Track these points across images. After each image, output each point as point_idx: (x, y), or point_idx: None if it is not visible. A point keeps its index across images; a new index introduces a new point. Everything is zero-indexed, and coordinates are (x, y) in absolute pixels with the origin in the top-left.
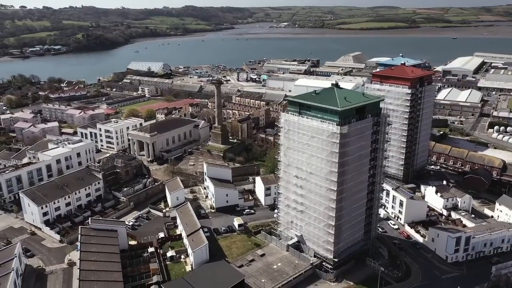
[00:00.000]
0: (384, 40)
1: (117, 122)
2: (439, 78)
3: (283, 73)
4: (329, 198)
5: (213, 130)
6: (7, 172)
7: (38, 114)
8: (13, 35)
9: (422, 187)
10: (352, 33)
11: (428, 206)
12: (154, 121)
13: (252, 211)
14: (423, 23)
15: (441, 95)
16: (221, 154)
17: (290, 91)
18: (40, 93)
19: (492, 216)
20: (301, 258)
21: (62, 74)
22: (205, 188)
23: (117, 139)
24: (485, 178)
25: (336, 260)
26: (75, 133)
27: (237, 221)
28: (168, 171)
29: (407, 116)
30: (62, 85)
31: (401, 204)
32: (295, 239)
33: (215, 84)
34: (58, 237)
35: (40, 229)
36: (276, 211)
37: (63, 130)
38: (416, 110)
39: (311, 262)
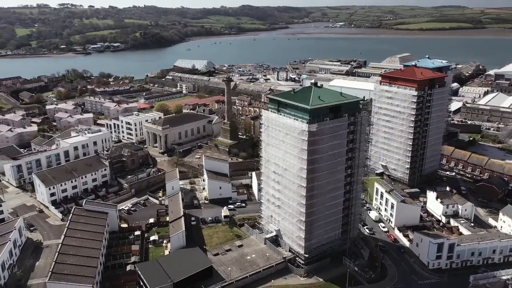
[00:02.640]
0: (443, 41)
1: (138, 115)
2: (490, 82)
3: (325, 73)
4: (300, 195)
5: (223, 126)
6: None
7: (80, 106)
8: (79, 33)
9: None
10: (409, 34)
11: (428, 212)
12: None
13: (243, 204)
14: (490, 23)
15: (484, 100)
16: (227, 149)
17: None
18: (88, 86)
19: (495, 227)
20: (276, 252)
21: (115, 69)
22: (203, 180)
23: (135, 130)
24: (499, 187)
25: (307, 256)
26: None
27: (223, 213)
28: (172, 162)
29: (414, 119)
30: (110, 80)
31: (392, 207)
32: (274, 233)
33: (225, 81)
34: (61, 216)
35: (47, 207)
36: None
37: (98, 121)
38: (424, 113)
39: (283, 256)
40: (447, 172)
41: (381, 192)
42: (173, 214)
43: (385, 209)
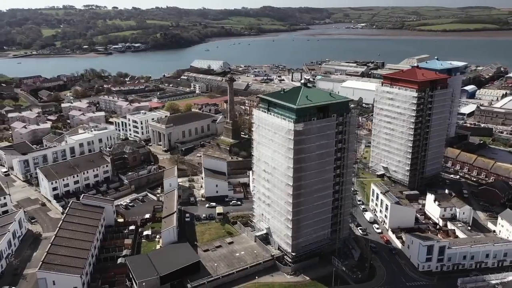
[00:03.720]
0: (466, 42)
1: (145, 113)
2: (510, 85)
3: (340, 75)
4: (287, 193)
5: (225, 125)
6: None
7: (95, 105)
8: (102, 34)
9: None
10: (432, 35)
11: (425, 214)
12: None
13: (239, 202)
14: None
15: (501, 103)
16: (228, 148)
17: (338, 92)
18: (105, 86)
19: (494, 231)
20: (264, 250)
21: (135, 69)
22: (202, 178)
23: (141, 129)
24: (502, 191)
25: (294, 254)
26: None
27: (217, 210)
28: (173, 160)
29: (414, 120)
30: (126, 79)
31: (387, 209)
32: (264, 231)
33: (228, 81)
34: (61, 209)
35: (50, 201)
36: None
37: (111, 119)
38: (425, 114)
39: (272, 253)
40: (452, 175)
41: (377, 193)
42: (167, 210)
43: (380, 211)
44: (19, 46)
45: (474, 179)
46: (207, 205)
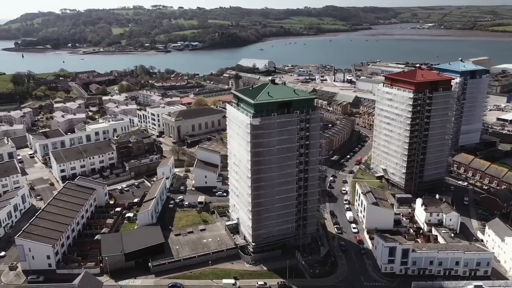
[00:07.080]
0: None
1: (164, 107)
2: None
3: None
4: (248, 185)
5: None
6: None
7: (134, 99)
8: (165, 32)
9: None
10: (506, 36)
11: (411, 219)
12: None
13: (225, 194)
14: None
15: None
16: None
17: (374, 94)
18: (150, 81)
19: (481, 240)
20: (231, 238)
21: (187, 67)
22: None
23: (158, 121)
24: (504, 200)
25: (254, 244)
26: None
27: (199, 199)
28: (175, 151)
29: (410, 122)
30: (171, 76)
31: (365, 209)
32: (235, 221)
33: (233, 78)
34: None
35: (58, 182)
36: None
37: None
38: (424, 116)
39: (236, 242)
40: (459, 182)
41: (359, 193)
42: (150, 195)
43: (361, 211)
44: (89, 43)
45: (486, 187)
46: (177, 200)
